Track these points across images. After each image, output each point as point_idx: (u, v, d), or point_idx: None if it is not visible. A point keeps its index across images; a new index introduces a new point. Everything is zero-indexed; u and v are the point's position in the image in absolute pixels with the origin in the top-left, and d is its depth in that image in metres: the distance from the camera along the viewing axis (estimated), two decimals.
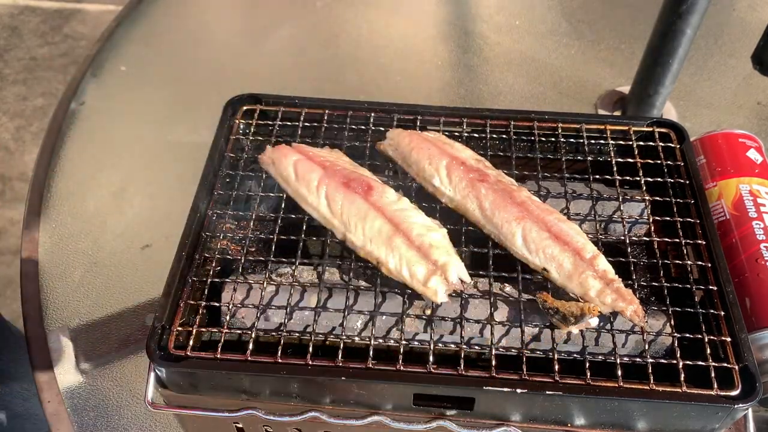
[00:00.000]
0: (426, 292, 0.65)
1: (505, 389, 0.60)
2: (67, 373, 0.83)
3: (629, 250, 0.72)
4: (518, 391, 0.59)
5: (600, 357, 0.63)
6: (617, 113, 1.11)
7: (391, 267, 0.66)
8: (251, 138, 0.82)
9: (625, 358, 0.63)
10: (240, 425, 0.70)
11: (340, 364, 0.61)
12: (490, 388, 0.60)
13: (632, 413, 0.61)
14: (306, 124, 0.84)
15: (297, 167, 0.74)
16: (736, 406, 0.58)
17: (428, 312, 0.67)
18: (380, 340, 0.65)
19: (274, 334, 0.67)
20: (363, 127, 0.83)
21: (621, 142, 0.82)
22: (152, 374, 0.64)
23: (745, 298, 0.71)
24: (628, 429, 0.63)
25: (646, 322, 0.64)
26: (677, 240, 0.71)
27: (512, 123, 0.83)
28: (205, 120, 0.92)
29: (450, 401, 0.63)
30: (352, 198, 0.70)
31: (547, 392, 0.60)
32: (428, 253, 0.66)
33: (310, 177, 0.73)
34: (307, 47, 0.88)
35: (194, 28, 1.28)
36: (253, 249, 0.74)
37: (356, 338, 0.65)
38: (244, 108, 0.85)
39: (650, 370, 0.61)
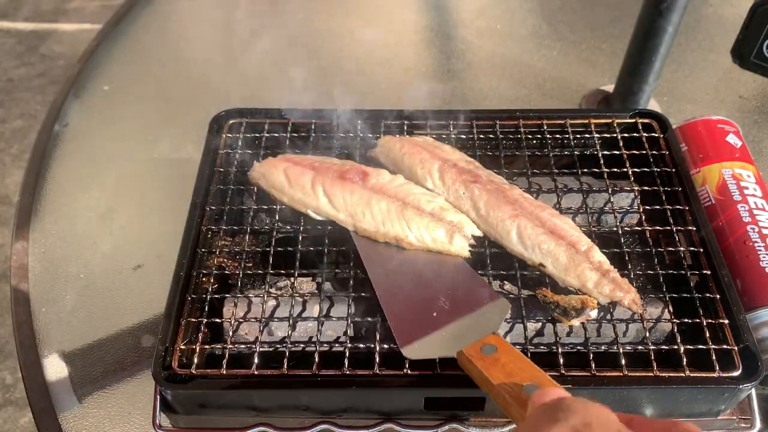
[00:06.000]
0: (452, 249, 0.70)
1: None
2: (64, 399, 0.82)
3: (622, 240, 0.73)
4: None
5: (603, 347, 0.64)
6: None
7: (412, 239, 0.70)
8: (239, 152, 0.82)
9: (628, 347, 0.64)
10: None
11: (347, 372, 0.62)
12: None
13: (640, 400, 0.62)
14: (294, 135, 0.84)
15: (288, 174, 0.75)
16: (741, 386, 0.60)
17: None
18: (385, 346, 0.65)
19: (278, 347, 0.66)
20: (351, 134, 0.84)
21: (606, 135, 0.83)
22: (158, 397, 0.64)
23: (736, 280, 0.73)
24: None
25: (645, 309, 0.65)
26: (668, 228, 0.73)
27: (498, 123, 0.84)
28: (191, 136, 0.92)
29: (461, 402, 0.63)
30: (351, 188, 0.72)
31: None
32: (441, 216, 0.70)
33: (304, 180, 0.74)
34: (290, 59, 0.89)
35: (175, 44, 1.27)
36: (251, 263, 0.74)
37: (361, 345, 0.66)
38: (231, 122, 0.85)
39: (653, 357, 0.62)
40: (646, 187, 0.78)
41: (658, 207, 0.75)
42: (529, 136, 0.84)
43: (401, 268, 0.70)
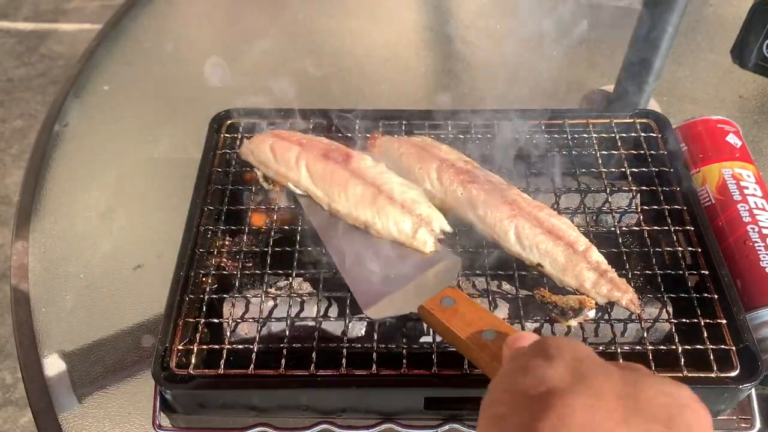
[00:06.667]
0: (415, 243, 0.69)
1: None
2: (64, 399, 0.82)
3: (621, 240, 0.73)
4: None
5: (601, 347, 0.64)
6: None
7: (379, 227, 0.70)
8: (238, 152, 0.82)
9: (626, 347, 0.64)
10: None
11: (345, 372, 0.62)
12: None
13: None
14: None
15: (275, 148, 0.77)
16: (741, 386, 0.60)
17: None
18: (384, 345, 0.65)
19: (277, 346, 0.66)
20: (349, 135, 0.84)
21: (604, 135, 0.83)
22: (158, 397, 0.64)
23: (736, 280, 0.73)
24: None
25: (643, 310, 0.65)
26: (667, 227, 0.73)
27: (496, 123, 0.84)
28: (190, 136, 0.92)
29: (461, 402, 0.64)
30: (332, 168, 0.73)
31: None
32: (411, 209, 0.70)
33: (289, 155, 0.76)
34: (289, 59, 0.89)
35: (176, 44, 1.27)
36: (250, 263, 0.74)
37: (359, 345, 0.66)
38: (230, 122, 0.86)
39: (651, 357, 0.62)
40: (644, 187, 0.78)
41: (656, 207, 0.75)
42: (527, 136, 0.83)
43: (361, 243, 0.71)
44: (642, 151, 0.81)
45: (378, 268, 0.68)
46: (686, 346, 0.63)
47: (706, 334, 0.64)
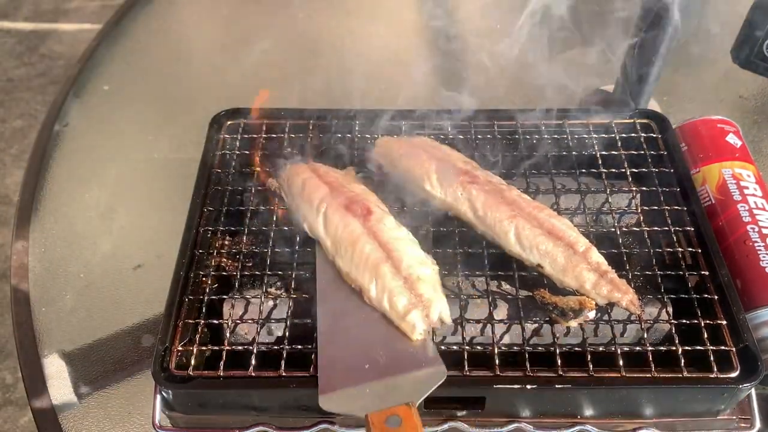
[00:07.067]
0: (403, 325, 0.63)
1: (516, 386, 0.60)
2: (63, 398, 0.82)
3: (621, 240, 0.73)
4: (528, 387, 0.60)
5: (601, 348, 0.65)
6: None
7: (372, 295, 0.64)
8: (239, 152, 0.82)
9: (625, 348, 0.64)
10: None
11: None
12: (500, 386, 0.61)
13: (638, 401, 0.62)
14: (292, 135, 0.84)
15: (306, 184, 0.74)
16: (741, 386, 0.60)
17: None
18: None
19: (276, 347, 0.66)
20: (349, 135, 0.84)
21: (604, 135, 0.83)
22: (158, 397, 0.64)
23: (736, 280, 0.73)
24: (637, 416, 0.64)
25: (643, 310, 0.65)
26: (667, 228, 0.73)
27: (496, 123, 0.84)
28: (190, 136, 0.92)
29: (461, 402, 0.64)
30: (348, 221, 0.69)
31: (556, 386, 0.60)
32: (414, 286, 0.63)
33: (315, 195, 0.72)
34: (289, 59, 0.89)
35: (175, 44, 1.28)
36: (249, 264, 0.74)
37: None
38: (229, 122, 0.85)
39: (650, 358, 0.62)
40: (644, 188, 0.78)
41: (656, 207, 0.75)
42: (527, 137, 0.84)
43: (353, 315, 0.65)
44: (642, 152, 0.81)
45: (356, 352, 0.62)
46: (686, 347, 0.63)
47: (706, 335, 0.64)
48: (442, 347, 0.65)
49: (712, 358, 0.62)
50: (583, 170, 0.80)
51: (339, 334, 0.64)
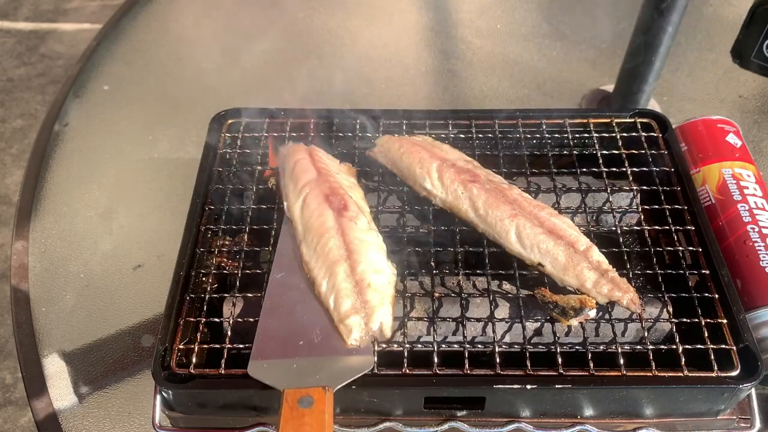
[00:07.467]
0: (341, 327, 0.62)
1: (516, 386, 0.60)
2: (64, 399, 0.82)
3: (621, 240, 0.73)
4: (528, 387, 0.60)
5: (602, 347, 0.65)
6: None
7: (322, 290, 0.65)
8: (239, 151, 0.82)
9: (626, 347, 0.64)
10: None
11: None
12: (500, 386, 0.60)
13: (639, 400, 0.62)
14: (293, 134, 0.84)
15: (297, 164, 0.76)
16: (741, 385, 0.60)
17: (430, 313, 0.68)
18: (384, 345, 0.65)
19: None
20: (350, 134, 0.84)
21: (605, 135, 0.83)
22: (158, 397, 0.64)
23: (736, 280, 0.73)
24: (637, 416, 0.64)
25: (643, 309, 0.65)
26: (667, 227, 0.73)
27: (497, 122, 0.84)
28: (190, 136, 0.92)
29: (461, 402, 0.64)
30: (322, 210, 0.69)
31: (556, 386, 0.60)
32: (363, 291, 0.63)
33: (302, 177, 0.74)
34: (289, 58, 0.89)
35: (175, 44, 1.28)
36: (250, 263, 0.74)
37: None
38: (230, 122, 0.85)
39: (651, 357, 0.62)
40: (645, 187, 0.78)
41: (657, 207, 0.75)
42: (528, 136, 0.84)
43: (300, 297, 0.66)
44: (642, 151, 0.81)
45: (294, 327, 0.63)
46: (687, 346, 0.63)
47: (706, 334, 0.64)
48: (443, 346, 0.65)
49: (712, 357, 0.62)
50: (584, 169, 0.80)
51: (283, 307, 0.65)
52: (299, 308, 0.65)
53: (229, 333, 0.66)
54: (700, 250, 0.71)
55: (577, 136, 0.84)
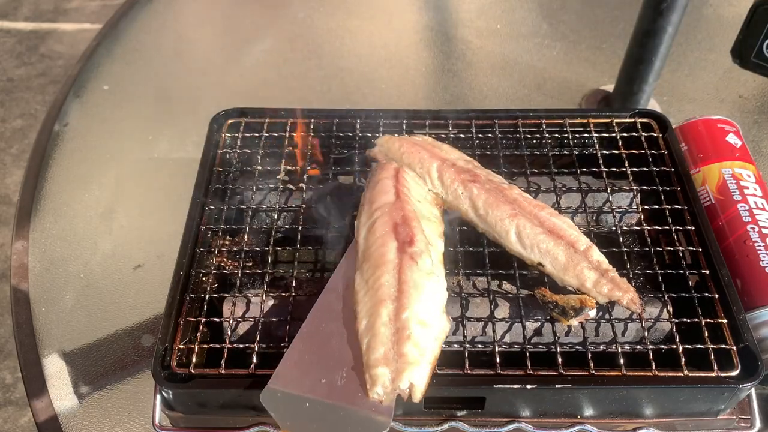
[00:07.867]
0: (366, 376, 0.56)
1: (516, 386, 0.60)
2: (63, 398, 0.83)
3: (621, 239, 0.73)
4: (528, 387, 0.60)
5: (602, 347, 0.65)
6: None
7: (360, 328, 0.59)
8: (239, 151, 0.82)
9: (626, 346, 0.64)
10: None
11: None
12: (500, 386, 0.60)
13: (639, 400, 0.62)
14: (293, 134, 0.84)
15: (378, 183, 0.71)
16: (741, 385, 0.60)
17: None
18: None
19: (276, 346, 0.66)
20: (350, 134, 0.84)
21: (605, 135, 0.83)
22: (158, 396, 0.64)
23: (736, 280, 0.73)
24: (637, 416, 0.64)
25: (643, 309, 0.65)
26: (667, 227, 0.73)
27: (497, 122, 0.84)
28: (190, 136, 0.92)
29: (461, 402, 0.64)
30: (386, 240, 0.63)
31: (556, 386, 0.60)
32: (401, 342, 0.56)
33: (377, 198, 0.69)
34: (289, 58, 0.89)
35: (175, 44, 1.28)
36: (250, 263, 0.74)
37: None
38: (230, 122, 0.85)
39: (651, 357, 0.62)
40: (645, 187, 0.78)
41: (657, 207, 0.75)
42: (528, 136, 0.84)
43: (339, 331, 0.61)
44: (642, 151, 0.81)
45: (322, 363, 0.58)
46: (687, 346, 0.63)
47: (706, 334, 0.64)
48: (444, 346, 0.65)
49: (712, 357, 0.62)
50: (584, 169, 0.80)
51: (320, 336, 0.61)
52: (335, 341, 0.60)
53: (229, 333, 0.66)
54: (700, 250, 0.71)
55: (577, 136, 0.84)
